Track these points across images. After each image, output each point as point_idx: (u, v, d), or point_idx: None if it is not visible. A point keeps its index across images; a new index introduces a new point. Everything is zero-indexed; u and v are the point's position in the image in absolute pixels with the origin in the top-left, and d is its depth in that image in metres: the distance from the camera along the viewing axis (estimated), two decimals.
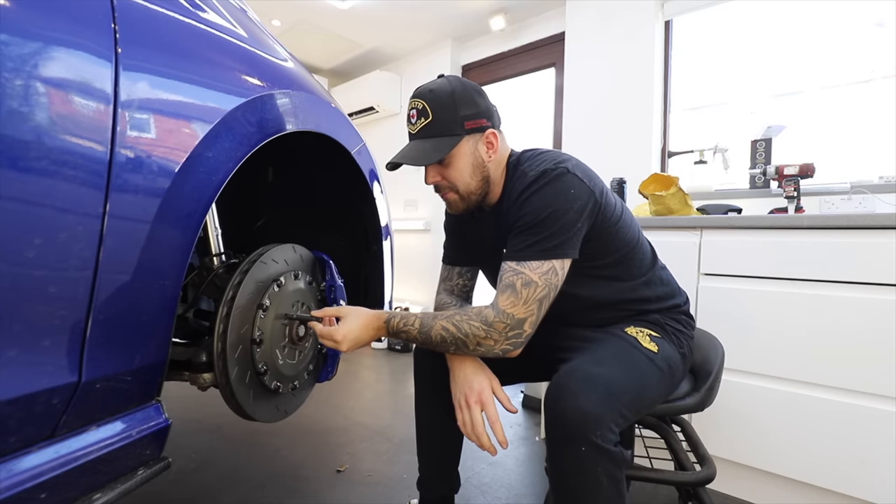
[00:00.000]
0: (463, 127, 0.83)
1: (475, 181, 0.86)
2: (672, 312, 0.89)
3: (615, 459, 0.64)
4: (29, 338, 0.50)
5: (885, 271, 1.05)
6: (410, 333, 0.81)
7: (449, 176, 0.86)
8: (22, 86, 0.46)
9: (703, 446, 0.91)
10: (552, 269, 0.75)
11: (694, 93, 2.09)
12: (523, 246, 0.77)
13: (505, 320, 0.74)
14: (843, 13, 1.71)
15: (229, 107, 0.72)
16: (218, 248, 0.95)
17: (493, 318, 0.75)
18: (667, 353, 0.81)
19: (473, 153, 0.85)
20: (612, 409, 0.66)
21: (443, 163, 0.84)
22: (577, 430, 0.64)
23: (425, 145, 0.83)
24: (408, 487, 1.29)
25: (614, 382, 0.70)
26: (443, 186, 0.88)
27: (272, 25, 2.85)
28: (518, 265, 0.76)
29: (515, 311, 0.74)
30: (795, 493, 1.19)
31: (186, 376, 0.86)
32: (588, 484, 0.64)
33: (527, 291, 0.74)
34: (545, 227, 0.75)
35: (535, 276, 0.75)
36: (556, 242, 0.75)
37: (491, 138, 0.85)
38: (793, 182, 1.49)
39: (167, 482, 1.26)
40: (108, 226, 0.55)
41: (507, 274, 0.77)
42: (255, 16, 0.95)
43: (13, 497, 0.48)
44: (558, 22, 2.48)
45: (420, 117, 0.84)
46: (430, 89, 0.84)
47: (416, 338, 0.80)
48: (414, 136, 0.86)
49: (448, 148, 0.82)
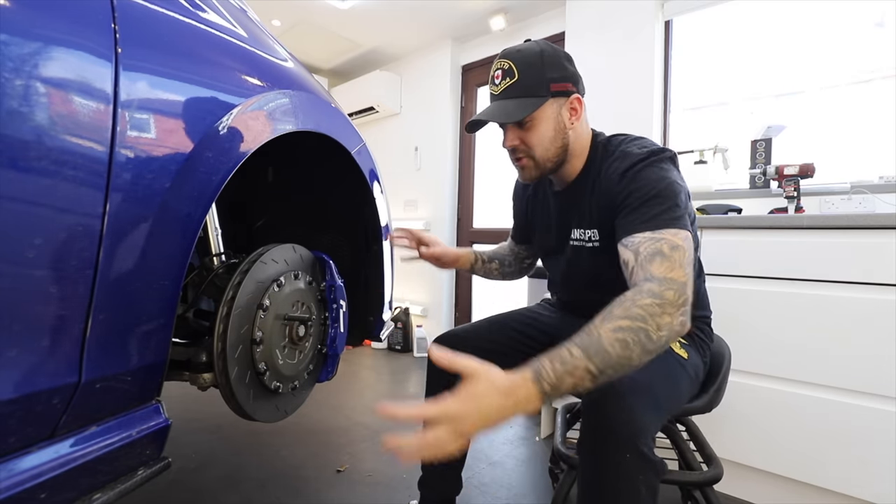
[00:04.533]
0: (549, 89, 0.80)
1: (554, 147, 0.84)
2: (698, 321, 0.89)
3: (657, 469, 0.61)
4: (29, 338, 0.50)
5: (886, 271, 1.05)
6: (578, 369, 0.56)
7: (529, 139, 0.83)
8: (22, 86, 0.46)
9: (710, 446, 0.91)
10: (687, 237, 0.69)
11: (694, 93, 2.08)
12: (653, 215, 0.71)
13: (671, 286, 0.62)
14: (843, 13, 1.71)
15: (229, 107, 0.72)
16: (218, 248, 0.95)
17: (658, 288, 0.62)
18: (694, 360, 0.82)
19: (556, 118, 0.82)
20: (658, 416, 0.64)
21: (524, 126, 0.82)
22: (624, 437, 0.60)
23: (509, 105, 0.80)
24: (408, 487, 1.29)
25: (658, 389, 0.68)
26: (519, 150, 0.85)
27: (272, 25, 2.85)
28: (655, 233, 0.69)
29: (675, 276, 0.63)
30: (795, 492, 1.19)
31: (186, 376, 0.86)
32: (626, 493, 0.60)
33: (678, 255, 0.66)
34: (666, 198, 0.72)
35: (679, 241, 0.67)
36: (680, 213, 0.71)
37: (575, 104, 0.83)
38: (793, 182, 1.49)
39: (167, 482, 1.26)
40: (108, 226, 0.55)
41: (645, 244, 0.68)
42: (255, 16, 0.95)
43: (13, 497, 0.48)
44: (558, 22, 2.48)
45: (505, 77, 0.81)
46: (518, 49, 0.82)
47: (588, 369, 0.56)
48: (496, 97, 0.83)
49: (532, 108, 0.79)
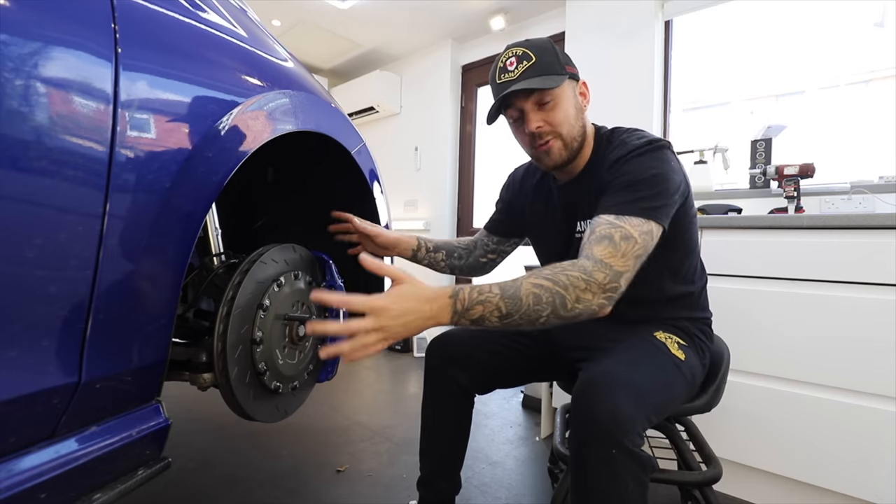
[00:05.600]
0: (565, 69, 0.81)
1: (578, 126, 0.84)
2: (698, 323, 0.89)
3: (644, 464, 0.62)
4: (29, 338, 0.50)
5: (886, 271, 1.05)
6: (490, 302, 0.64)
7: (554, 119, 0.82)
8: (22, 86, 0.46)
9: (709, 446, 0.90)
10: (650, 230, 0.71)
11: (694, 93, 2.09)
12: (623, 200, 0.73)
13: (604, 270, 0.67)
14: (843, 13, 1.71)
15: (229, 107, 0.72)
16: (218, 248, 0.95)
17: (591, 267, 0.67)
18: (691, 362, 0.81)
19: (574, 98, 0.84)
20: (643, 413, 0.65)
21: (546, 106, 0.81)
22: (609, 432, 0.61)
23: (533, 81, 0.79)
24: (408, 487, 1.29)
25: (645, 386, 0.68)
26: (545, 133, 0.83)
27: (272, 25, 2.85)
28: (617, 219, 0.71)
29: (614, 262, 0.68)
30: (794, 492, 1.19)
31: (186, 376, 0.86)
32: (614, 488, 0.61)
33: (626, 245, 0.69)
34: (648, 186, 0.73)
35: (634, 232, 0.70)
36: (657, 204, 0.72)
37: (583, 88, 0.85)
38: (793, 182, 1.49)
39: (167, 482, 1.26)
40: (108, 226, 0.55)
41: (602, 226, 0.72)
42: (255, 16, 0.95)
43: (13, 497, 0.48)
44: (558, 22, 2.48)
45: (522, 61, 0.80)
46: (527, 39, 0.83)
47: (499, 306, 0.64)
48: (514, 81, 0.80)
49: (559, 82, 0.79)
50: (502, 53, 0.84)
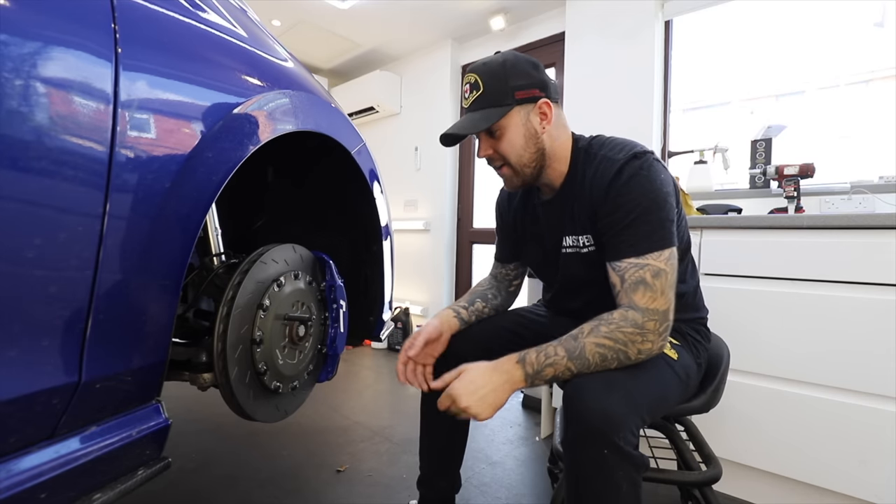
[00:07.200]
0: (514, 97, 0.81)
1: (528, 153, 0.84)
2: (693, 323, 0.89)
3: (636, 464, 0.62)
4: (29, 338, 0.50)
5: (886, 271, 1.05)
6: (559, 364, 0.71)
7: (500, 148, 0.84)
8: (22, 86, 0.46)
9: (708, 446, 0.90)
10: (671, 255, 0.74)
11: (694, 93, 2.08)
12: (636, 239, 0.75)
13: (653, 317, 0.71)
14: (843, 13, 1.71)
15: (229, 107, 0.72)
16: (218, 248, 0.95)
17: (641, 319, 0.71)
18: (685, 361, 0.81)
19: (525, 124, 0.83)
20: (635, 413, 0.65)
21: (494, 135, 0.83)
22: (600, 432, 0.62)
23: (475, 116, 0.82)
24: (408, 487, 1.29)
25: (637, 386, 0.69)
26: (495, 159, 0.86)
27: (272, 25, 2.85)
28: (640, 259, 0.74)
29: (658, 306, 0.72)
30: (794, 492, 1.19)
31: (186, 376, 0.86)
32: (607, 488, 0.62)
33: (660, 282, 0.72)
34: (651, 214, 0.75)
35: (661, 265, 0.73)
36: (665, 231, 0.75)
37: (544, 108, 0.83)
38: (793, 182, 1.49)
39: (167, 482, 1.26)
40: (108, 226, 0.55)
41: (630, 270, 0.74)
42: (255, 16, 0.95)
43: (13, 497, 0.48)
44: (558, 22, 2.48)
45: (472, 90, 0.82)
46: (484, 62, 0.83)
47: (568, 367, 0.71)
48: (467, 109, 0.84)
49: (497, 117, 0.80)
50: (466, 72, 0.85)
